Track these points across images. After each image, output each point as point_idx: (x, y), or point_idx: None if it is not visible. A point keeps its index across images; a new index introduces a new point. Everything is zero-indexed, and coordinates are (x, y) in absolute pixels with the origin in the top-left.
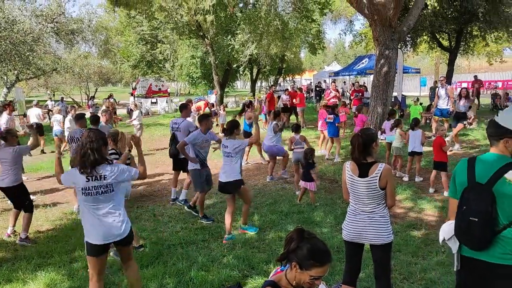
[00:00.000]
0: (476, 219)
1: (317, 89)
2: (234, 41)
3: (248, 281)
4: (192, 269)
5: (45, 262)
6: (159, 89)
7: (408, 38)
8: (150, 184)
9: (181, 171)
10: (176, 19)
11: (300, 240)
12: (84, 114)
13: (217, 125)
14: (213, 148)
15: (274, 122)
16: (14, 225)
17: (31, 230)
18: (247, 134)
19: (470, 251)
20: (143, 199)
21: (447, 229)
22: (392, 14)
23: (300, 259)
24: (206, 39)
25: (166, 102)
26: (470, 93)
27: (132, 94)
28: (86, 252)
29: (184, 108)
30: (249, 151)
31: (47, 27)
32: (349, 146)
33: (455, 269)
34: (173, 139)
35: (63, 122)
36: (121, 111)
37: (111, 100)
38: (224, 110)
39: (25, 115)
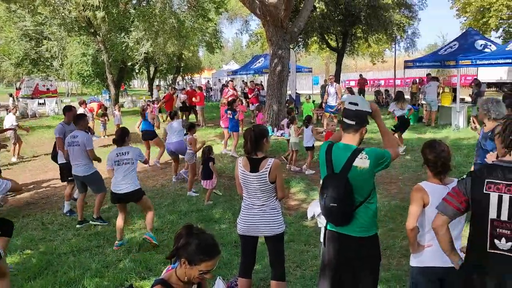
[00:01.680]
0: (336, 205)
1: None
2: (128, 38)
3: (145, 284)
4: (85, 276)
5: None
6: (47, 89)
7: (299, 39)
8: (38, 191)
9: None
10: (63, 14)
11: (189, 236)
12: None
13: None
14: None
15: (175, 120)
16: None
17: None
18: (151, 134)
19: (334, 226)
20: (30, 207)
21: (317, 207)
22: (283, 15)
23: (189, 254)
24: (98, 36)
25: (56, 103)
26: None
27: (11, 95)
28: None
29: (68, 111)
30: (149, 153)
31: None
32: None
33: (321, 240)
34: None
35: None
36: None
37: None
38: (119, 111)
39: None
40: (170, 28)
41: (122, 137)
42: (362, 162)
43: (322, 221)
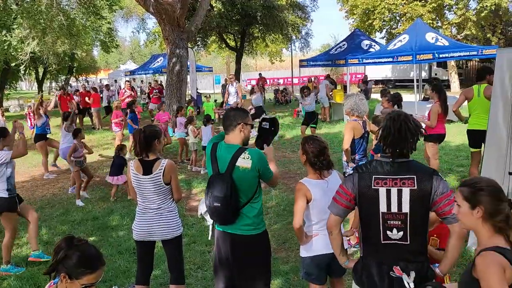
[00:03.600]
0: (219, 204)
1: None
2: (11, 37)
3: None
4: None
5: None
6: None
7: (198, 38)
8: None
9: None
10: None
11: (68, 248)
12: None
13: None
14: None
15: (66, 122)
16: None
17: None
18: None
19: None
20: None
21: (204, 205)
22: (179, 13)
23: (69, 268)
24: None
25: None
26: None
27: None
28: None
29: None
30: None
31: None
32: None
33: (209, 238)
34: None
35: None
36: None
37: None
38: (3, 115)
39: None
40: (59, 26)
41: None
42: (244, 162)
43: (209, 219)
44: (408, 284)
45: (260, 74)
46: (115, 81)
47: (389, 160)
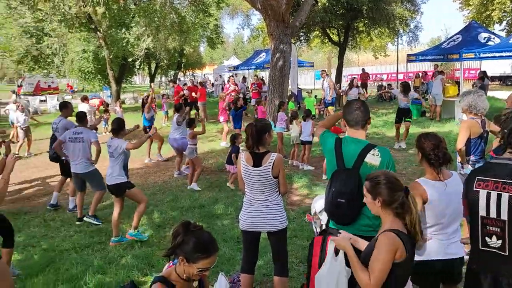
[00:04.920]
0: (343, 200)
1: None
2: (129, 34)
3: (148, 280)
4: (87, 273)
5: None
6: (49, 86)
7: (301, 33)
8: (39, 188)
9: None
10: (63, 10)
11: (185, 233)
12: None
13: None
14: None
15: (177, 114)
16: None
17: None
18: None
19: (336, 224)
20: (32, 203)
21: (319, 203)
22: (284, 9)
23: (186, 252)
24: (98, 32)
25: (57, 100)
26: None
27: (14, 92)
28: None
29: (64, 108)
30: (150, 148)
31: None
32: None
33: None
34: (53, 141)
35: None
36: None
37: None
38: (120, 107)
39: None
40: (171, 23)
41: (117, 128)
42: (373, 158)
43: (323, 219)
44: None
45: (363, 69)
46: (220, 76)
47: (500, 161)
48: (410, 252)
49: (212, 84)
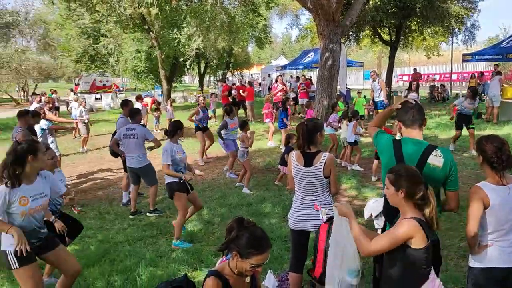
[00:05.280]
0: None
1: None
2: (180, 34)
3: (198, 274)
4: (140, 265)
5: None
6: (104, 84)
7: (351, 32)
8: (95, 182)
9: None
10: (119, 11)
11: (239, 229)
12: (28, 111)
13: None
14: (149, 147)
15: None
16: None
17: None
18: (199, 128)
19: None
20: (88, 196)
21: (374, 206)
22: (335, 8)
23: (240, 247)
24: (151, 33)
25: (111, 98)
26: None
27: (72, 90)
28: None
29: (125, 105)
30: (203, 149)
31: None
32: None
33: None
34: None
35: None
36: (63, 108)
37: (54, 96)
38: (171, 105)
39: None
40: (221, 23)
41: (173, 130)
42: (436, 160)
43: (379, 223)
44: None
45: (415, 69)
46: (269, 75)
47: None
48: (431, 240)
49: (260, 84)
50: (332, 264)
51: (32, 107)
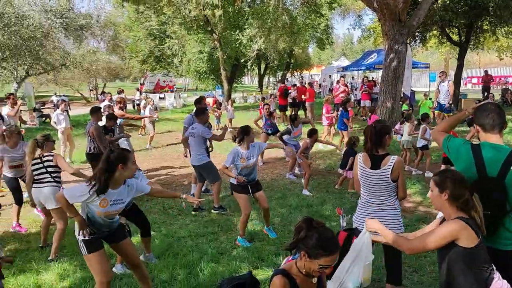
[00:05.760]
0: (489, 212)
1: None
2: (242, 36)
3: (258, 273)
4: (202, 260)
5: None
6: (167, 84)
7: (417, 33)
8: (159, 178)
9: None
10: (184, 14)
11: (308, 229)
12: (100, 108)
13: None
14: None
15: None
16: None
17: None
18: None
19: None
20: None
21: None
22: (401, 8)
23: (309, 248)
24: (214, 34)
25: (174, 97)
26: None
27: (138, 90)
28: None
29: (198, 103)
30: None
31: (56, 22)
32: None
33: None
34: None
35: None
36: (129, 107)
37: (122, 95)
38: (232, 106)
39: (34, 110)
40: (283, 24)
41: (242, 134)
42: None
43: None
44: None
45: (486, 71)
46: (329, 76)
47: None
48: (481, 238)
49: (320, 85)
50: (342, 266)
51: (103, 104)
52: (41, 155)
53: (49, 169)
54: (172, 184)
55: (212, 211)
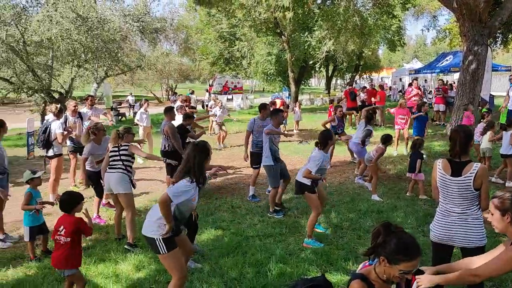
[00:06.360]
0: None
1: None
2: (311, 37)
3: (327, 277)
4: (271, 260)
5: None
6: (235, 86)
7: (498, 34)
8: (228, 177)
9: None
10: (254, 16)
11: (387, 234)
12: (172, 107)
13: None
14: None
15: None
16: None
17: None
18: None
19: None
20: (221, 191)
21: None
22: (482, 8)
23: (388, 253)
24: (283, 36)
25: (241, 99)
26: None
27: (207, 91)
28: None
29: (263, 109)
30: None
31: (134, 26)
32: (430, 146)
33: None
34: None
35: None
36: (198, 107)
37: (192, 96)
38: (299, 108)
39: (112, 109)
40: (353, 26)
41: (324, 141)
42: None
43: None
44: None
45: None
46: (400, 79)
47: None
48: None
49: (390, 88)
50: None
51: (176, 105)
52: (119, 144)
53: (123, 157)
54: (240, 183)
55: (269, 214)
